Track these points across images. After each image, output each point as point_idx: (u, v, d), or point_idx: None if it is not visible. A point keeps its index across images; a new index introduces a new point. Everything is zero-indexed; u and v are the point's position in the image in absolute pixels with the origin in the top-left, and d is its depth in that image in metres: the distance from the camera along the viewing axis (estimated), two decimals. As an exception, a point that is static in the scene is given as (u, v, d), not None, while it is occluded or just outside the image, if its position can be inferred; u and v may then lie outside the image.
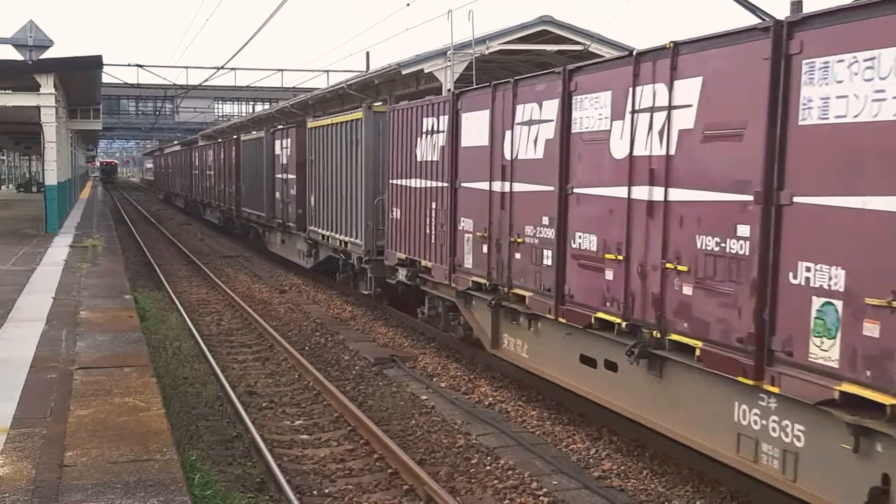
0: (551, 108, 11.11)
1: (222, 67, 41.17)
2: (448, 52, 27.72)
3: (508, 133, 12.16)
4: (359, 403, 12.33)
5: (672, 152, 8.79)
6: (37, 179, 66.72)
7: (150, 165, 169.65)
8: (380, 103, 22.49)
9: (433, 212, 14.91)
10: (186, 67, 61.57)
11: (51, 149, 29.32)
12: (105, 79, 37.69)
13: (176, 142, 79.09)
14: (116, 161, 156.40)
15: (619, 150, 9.70)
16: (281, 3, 21.19)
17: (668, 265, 8.80)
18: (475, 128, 13.23)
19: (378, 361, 14.93)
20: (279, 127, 29.56)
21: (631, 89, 9.44)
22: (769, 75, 7.47)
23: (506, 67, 31.33)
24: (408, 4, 33.85)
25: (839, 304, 6.79)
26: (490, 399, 12.65)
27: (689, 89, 8.57)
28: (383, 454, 10.17)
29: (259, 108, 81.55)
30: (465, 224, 13.69)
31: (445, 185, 14.29)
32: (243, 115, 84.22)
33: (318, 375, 13.49)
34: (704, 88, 8.36)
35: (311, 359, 15.05)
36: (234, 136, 38.73)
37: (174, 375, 13.52)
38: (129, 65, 49.62)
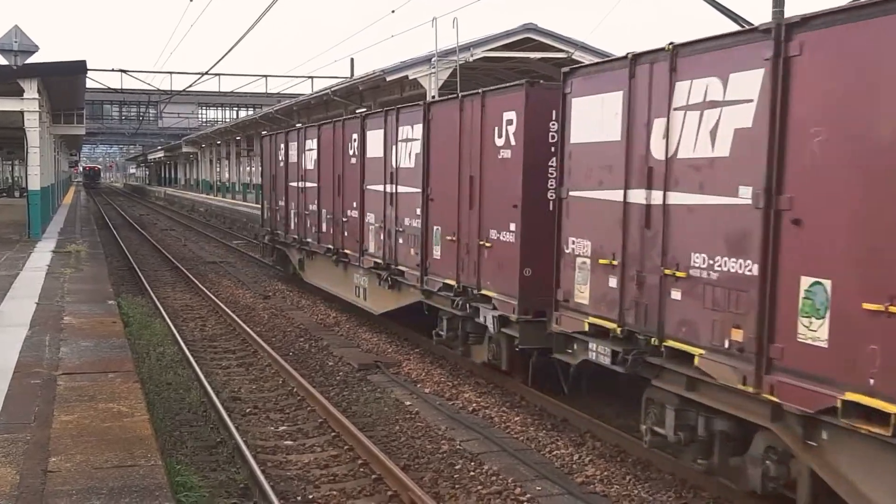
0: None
1: (206, 73, 41.26)
2: (432, 59, 27.84)
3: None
4: (343, 409, 12.34)
5: None
6: (19, 184, 66.45)
7: (133, 170, 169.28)
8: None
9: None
10: (170, 73, 61.40)
11: (34, 154, 29.24)
12: (89, 84, 37.66)
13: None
14: (100, 166, 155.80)
15: None
16: (266, 9, 21.24)
17: None
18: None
19: (362, 367, 14.95)
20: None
21: None
22: None
23: (490, 74, 31.48)
24: (392, 11, 33.98)
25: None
26: (474, 405, 12.69)
27: None
28: (367, 460, 10.19)
29: (243, 113, 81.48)
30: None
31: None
32: (227, 120, 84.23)
33: (303, 381, 13.49)
34: None
35: (296, 364, 15.05)
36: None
37: (158, 381, 13.50)
38: (112, 70, 49.58)
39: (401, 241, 15.79)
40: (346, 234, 18.77)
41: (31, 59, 27.09)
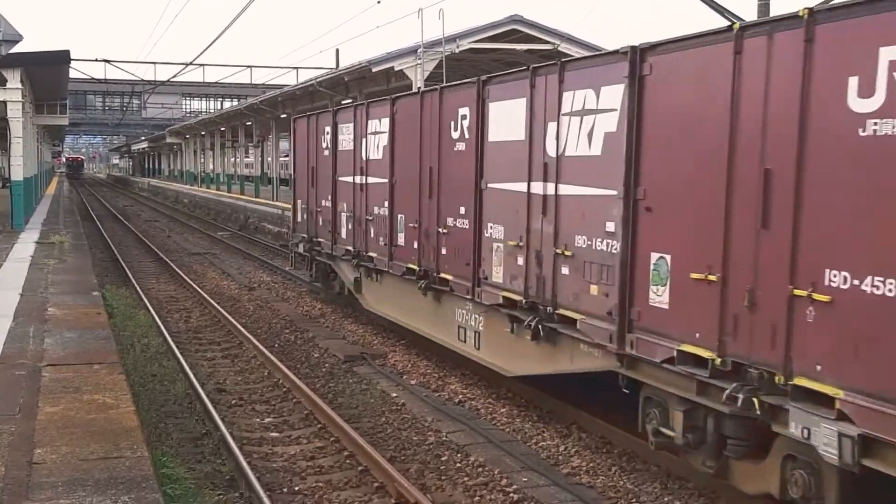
0: None
1: (191, 63, 41.06)
2: (418, 51, 27.80)
3: None
4: (329, 401, 12.33)
5: None
6: (2, 175, 66.04)
7: (116, 161, 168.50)
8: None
9: None
10: (154, 63, 61.39)
11: (17, 144, 29.09)
12: (72, 74, 37.45)
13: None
14: (83, 157, 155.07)
15: None
16: (251, -1, 21.16)
17: None
18: None
19: (348, 359, 14.93)
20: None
21: None
22: None
23: (476, 66, 31.49)
24: (378, 2, 33.88)
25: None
26: (460, 396, 12.69)
27: None
28: (354, 451, 10.19)
29: (227, 104, 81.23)
30: None
31: None
32: (211, 111, 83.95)
33: (288, 373, 13.47)
34: None
35: (281, 356, 15.02)
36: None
37: (142, 373, 13.46)
38: (96, 60, 49.34)
39: (566, 270, 10.24)
40: (443, 251, 13.37)
41: (15, 49, 26.86)
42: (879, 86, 6.53)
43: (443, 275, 13.38)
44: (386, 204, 15.41)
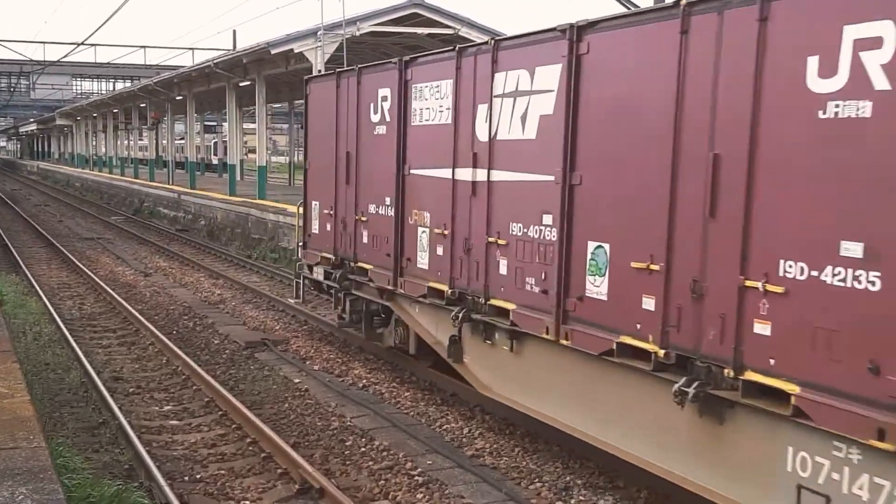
0: None
1: (82, 43, 39.95)
2: (318, 33, 27.52)
3: None
4: (230, 388, 12.18)
5: None
6: None
7: (3, 144, 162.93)
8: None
9: None
10: (44, 43, 59.29)
11: None
12: (-45, 52, 36.04)
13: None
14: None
15: None
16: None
17: None
18: None
19: (249, 345, 14.76)
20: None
21: None
22: None
23: (377, 49, 31.38)
24: (277, -17, 33.41)
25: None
26: (364, 381, 12.68)
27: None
28: (256, 438, 10.09)
29: (120, 85, 79.26)
30: None
31: None
32: (103, 92, 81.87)
33: (187, 360, 13.25)
34: None
35: (180, 343, 14.76)
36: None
37: (35, 361, 13.10)
38: (-20, 38, 47.59)
39: None
40: (757, 328, 6.50)
41: None
42: None
43: (754, 376, 6.58)
44: (548, 220, 8.89)
